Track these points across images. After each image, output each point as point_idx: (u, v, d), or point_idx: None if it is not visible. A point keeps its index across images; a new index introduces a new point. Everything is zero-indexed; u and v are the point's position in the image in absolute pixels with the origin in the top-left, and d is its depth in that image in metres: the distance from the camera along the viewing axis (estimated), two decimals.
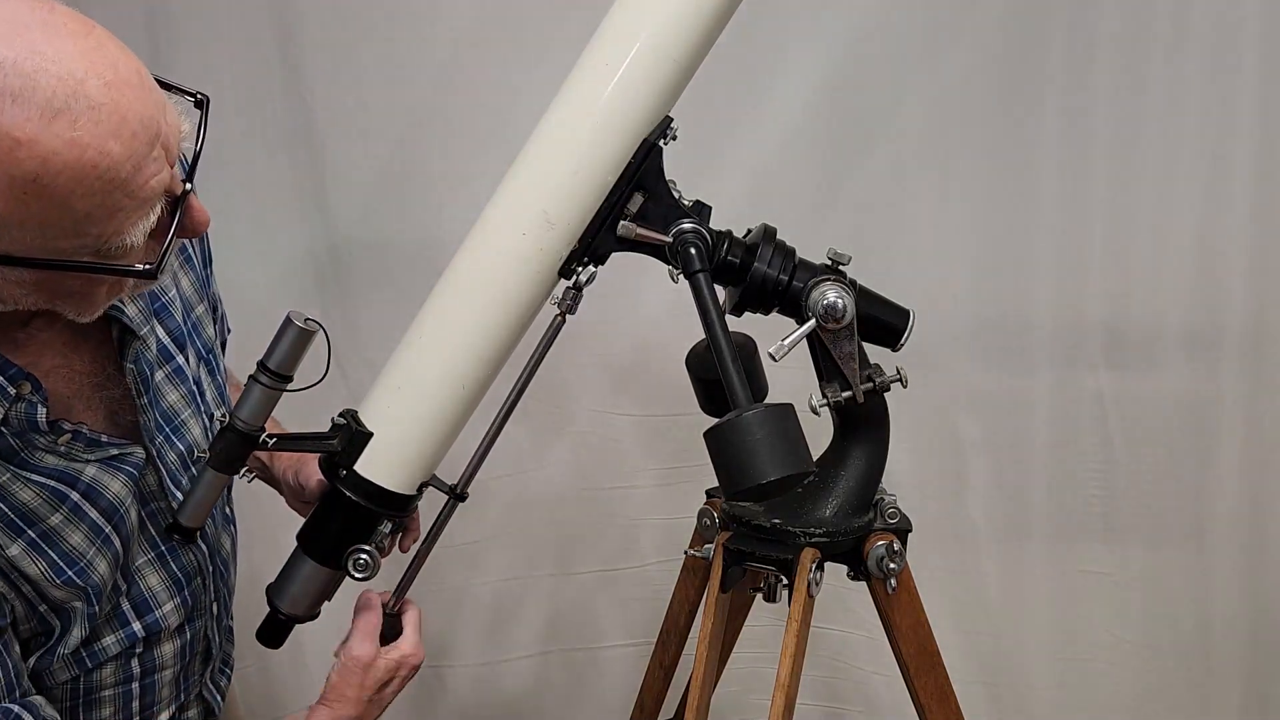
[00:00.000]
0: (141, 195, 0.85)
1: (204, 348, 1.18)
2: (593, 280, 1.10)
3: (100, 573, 1.04)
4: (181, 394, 1.13)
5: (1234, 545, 1.75)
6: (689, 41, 1.04)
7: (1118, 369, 1.73)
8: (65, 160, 0.80)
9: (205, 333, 1.19)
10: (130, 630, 1.10)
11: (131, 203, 0.85)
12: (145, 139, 0.84)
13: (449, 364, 1.10)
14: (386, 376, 1.13)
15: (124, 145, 0.82)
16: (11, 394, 0.96)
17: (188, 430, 1.13)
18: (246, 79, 1.70)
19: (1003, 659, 1.85)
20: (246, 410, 1.05)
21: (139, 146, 0.83)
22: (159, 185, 0.86)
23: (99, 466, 1.04)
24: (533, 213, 1.07)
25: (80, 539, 1.02)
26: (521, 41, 1.65)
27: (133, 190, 0.84)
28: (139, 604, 1.11)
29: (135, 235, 0.86)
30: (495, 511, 1.89)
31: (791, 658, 1.13)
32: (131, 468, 1.06)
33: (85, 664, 1.08)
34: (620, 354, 1.82)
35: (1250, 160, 1.62)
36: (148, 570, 1.11)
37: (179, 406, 1.13)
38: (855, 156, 1.72)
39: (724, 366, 0.99)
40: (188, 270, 1.18)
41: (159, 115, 0.86)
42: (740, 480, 0.94)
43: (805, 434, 0.96)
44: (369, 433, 1.11)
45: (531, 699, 1.99)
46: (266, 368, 1.03)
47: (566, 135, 1.07)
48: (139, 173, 0.84)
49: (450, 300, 1.11)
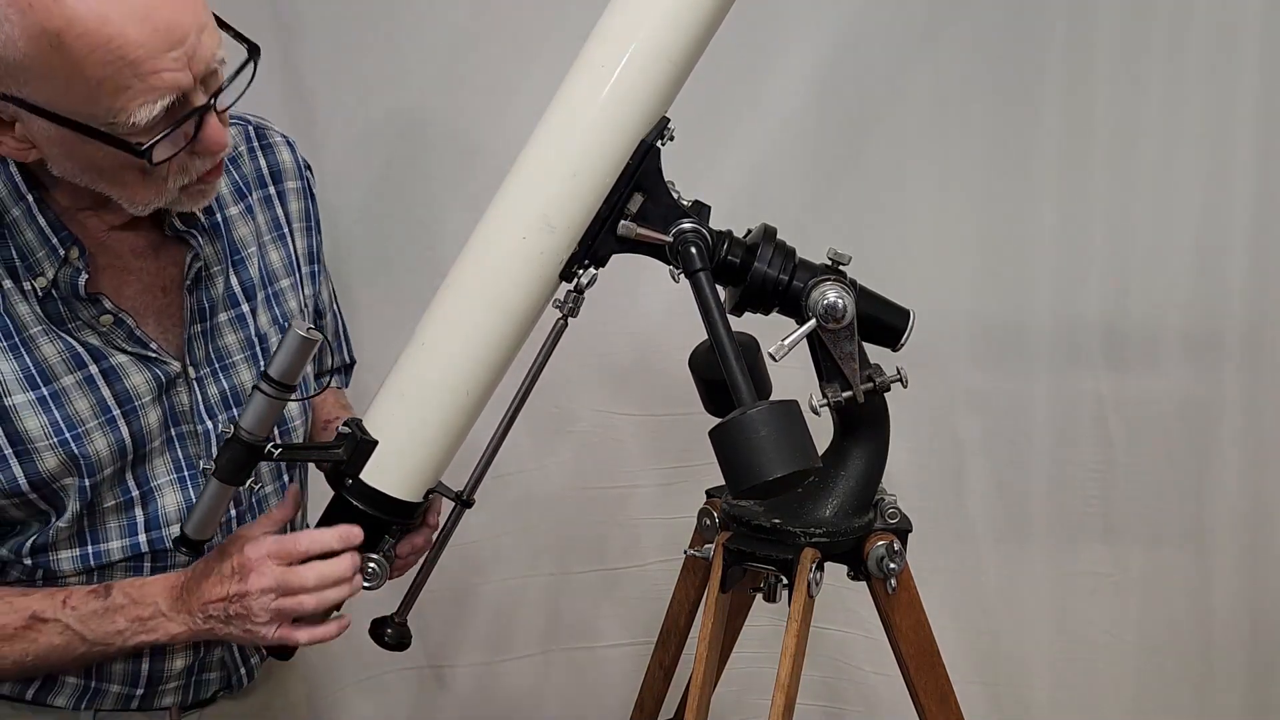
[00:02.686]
0: (150, 82, 0.94)
1: (281, 316, 1.24)
2: (594, 282, 1.10)
3: (98, 448, 1.09)
4: (239, 338, 1.20)
5: (1234, 545, 1.75)
6: (684, 41, 1.04)
7: (1118, 369, 1.73)
8: (87, 26, 0.91)
9: (286, 305, 1.25)
10: (136, 540, 1.14)
11: (140, 85, 0.94)
12: (167, 39, 0.94)
13: (453, 370, 1.10)
14: (390, 383, 1.13)
15: (142, 34, 0.92)
16: (61, 255, 1.06)
17: (237, 372, 1.19)
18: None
19: (1003, 659, 1.85)
20: (250, 420, 1.05)
21: (157, 41, 0.93)
22: (171, 81, 0.95)
23: (131, 359, 1.11)
24: (532, 216, 1.07)
25: (85, 407, 1.08)
26: (521, 42, 1.65)
27: (142, 74, 0.93)
28: (151, 518, 1.15)
29: (140, 116, 0.95)
30: (496, 511, 1.89)
31: (791, 658, 1.13)
32: (161, 373, 1.12)
33: (90, 561, 1.13)
34: (621, 354, 1.82)
35: (1250, 159, 1.62)
36: (167, 490, 1.15)
37: (234, 348, 1.19)
38: (855, 156, 1.72)
39: (727, 365, 0.99)
40: (278, 246, 1.26)
41: (191, 29, 0.95)
42: (745, 478, 0.94)
43: None
44: (374, 441, 1.11)
45: (531, 699, 1.99)
46: (270, 378, 1.03)
47: (563, 138, 1.07)
48: (151, 60, 0.93)
49: (452, 306, 1.11)
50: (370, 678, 1.94)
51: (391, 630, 1.18)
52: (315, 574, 1.10)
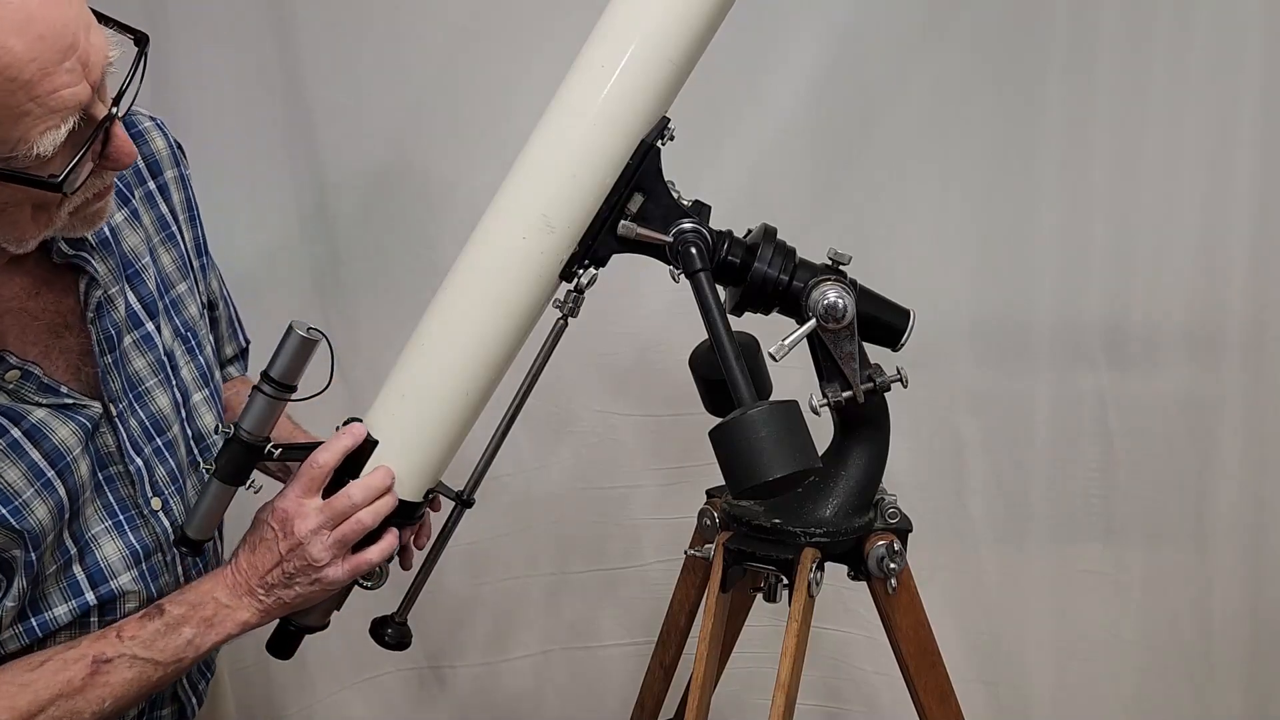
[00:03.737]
0: (49, 104, 0.84)
1: (183, 325, 1.18)
2: (594, 282, 1.10)
3: (39, 517, 1.01)
4: (149, 361, 1.12)
5: (1234, 545, 1.75)
6: (685, 41, 1.04)
7: (1118, 369, 1.73)
8: None
9: (186, 312, 1.19)
10: (83, 600, 1.08)
11: (38, 109, 0.83)
12: (57, 46, 0.83)
13: (453, 370, 1.10)
14: (391, 384, 1.13)
15: (27, 46, 0.81)
16: None
17: (153, 399, 1.12)
18: (246, 79, 1.70)
19: (1003, 658, 1.85)
20: (251, 421, 1.05)
21: (47, 51, 0.82)
22: (72, 98, 0.85)
23: (49, 411, 1.02)
24: (532, 217, 1.07)
25: (17, 476, 1.00)
26: (520, 41, 1.65)
27: (38, 95, 0.83)
28: (94, 573, 1.08)
29: (44, 144, 0.85)
30: (496, 512, 1.89)
31: (791, 658, 1.13)
32: (85, 419, 1.05)
33: (36, 633, 1.06)
34: (621, 354, 1.82)
35: (1252, 159, 1.62)
36: (104, 539, 1.09)
37: (145, 373, 1.12)
38: (855, 156, 1.72)
39: (727, 365, 0.99)
40: (169, 247, 1.18)
41: (78, 29, 0.85)
42: (745, 478, 0.94)
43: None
44: (374, 441, 1.11)
45: (531, 699, 1.99)
46: (270, 378, 1.03)
47: (564, 139, 1.07)
48: (46, 78, 0.83)
49: (452, 306, 1.11)
50: (370, 678, 1.94)
51: (392, 630, 1.18)
52: (359, 489, 1.08)
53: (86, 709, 1.02)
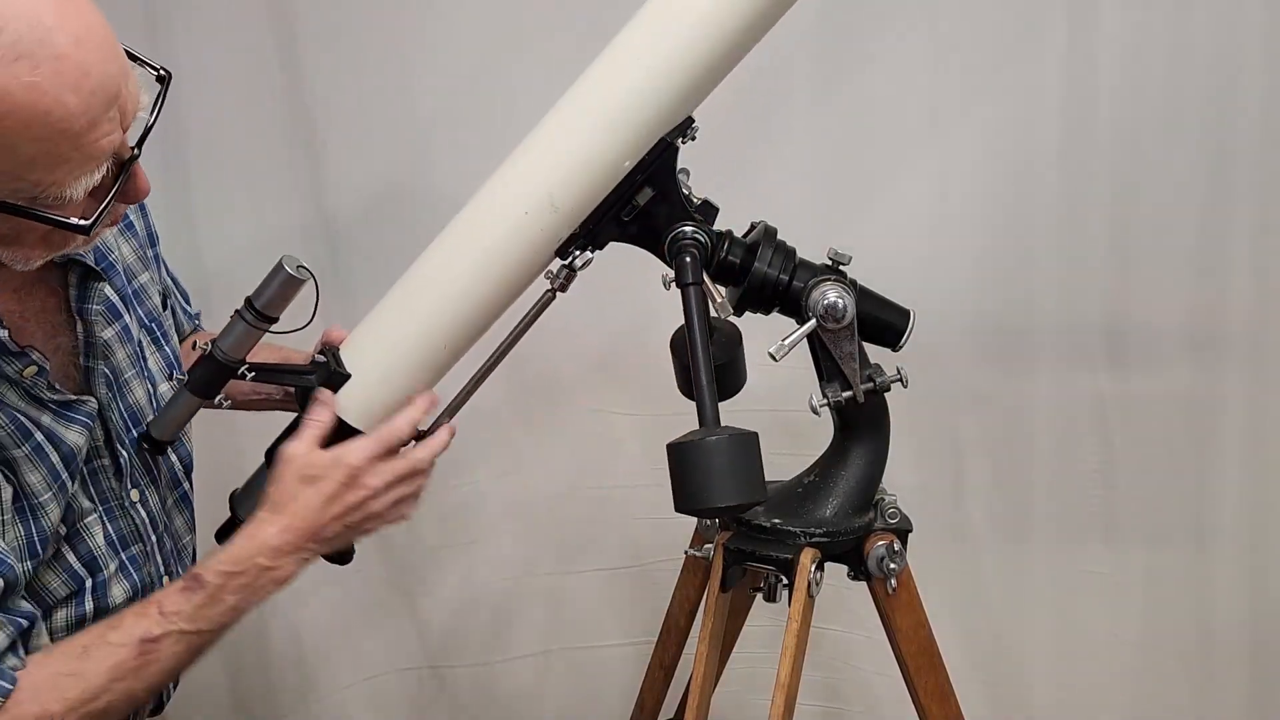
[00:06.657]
0: (89, 151, 0.87)
1: (147, 316, 1.19)
2: (588, 265, 1.10)
3: (52, 519, 1.03)
4: (128, 353, 1.14)
5: (1235, 545, 1.75)
6: (722, 48, 1.01)
7: (1118, 369, 1.73)
8: (18, 101, 0.81)
9: (149, 302, 1.21)
10: (81, 592, 1.08)
11: (79, 156, 0.86)
12: (103, 99, 0.86)
13: (432, 324, 1.11)
14: (372, 321, 1.15)
15: (81, 100, 0.84)
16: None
17: (130, 390, 1.14)
18: (246, 79, 1.70)
19: (1003, 658, 1.85)
20: (227, 342, 1.08)
21: (96, 104, 0.85)
22: (109, 145, 0.88)
23: (53, 416, 1.04)
24: (539, 194, 1.06)
25: (39, 479, 1.02)
26: (522, 41, 1.65)
27: (82, 145, 0.86)
28: (88, 562, 1.09)
29: (76, 189, 0.88)
30: (495, 511, 1.89)
31: (791, 658, 1.13)
32: (86, 418, 1.06)
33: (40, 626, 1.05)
34: (620, 353, 1.82)
35: (1252, 159, 1.62)
36: (95, 527, 1.10)
37: (124, 365, 1.13)
38: (855, 155, 1.72)
39: (699, 385, 0.98)
40: (129, 238, 1.19)
41: (121, 80, 0.88)
42: (692, 501, 0.94)
43: (806, 434, 0.96)
44: (346, 374, 1.12)
45: (531, 699, 1.99)
46: (253, 306, 1.05)
47: (584, 125, 1.05)
48: (92, 129, 0.86)
49: (443, 263, 1.11)
50: (370, 678, 1.94)
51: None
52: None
53: (139, 686, 1.02)
